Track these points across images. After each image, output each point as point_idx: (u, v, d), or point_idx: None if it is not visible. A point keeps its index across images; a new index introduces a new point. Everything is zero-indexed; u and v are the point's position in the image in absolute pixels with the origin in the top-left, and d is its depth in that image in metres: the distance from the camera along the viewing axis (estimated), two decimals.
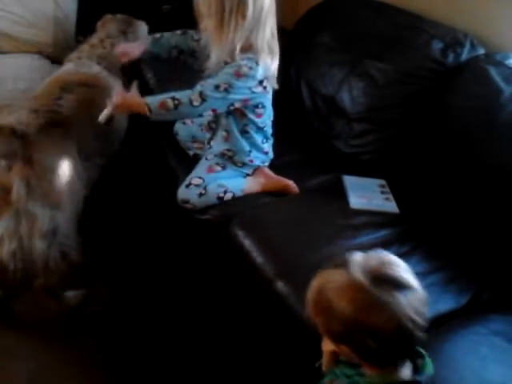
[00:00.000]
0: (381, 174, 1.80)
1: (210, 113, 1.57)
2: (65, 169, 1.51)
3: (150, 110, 1.52)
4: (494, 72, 1.62)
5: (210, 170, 1.70)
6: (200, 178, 1.66)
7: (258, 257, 1.43)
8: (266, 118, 1.70)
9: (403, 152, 1.80)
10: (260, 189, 1.71)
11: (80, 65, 1.81)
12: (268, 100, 1.67)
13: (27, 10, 2.21)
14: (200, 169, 1.72)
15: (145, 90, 2.02)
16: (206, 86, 1.52)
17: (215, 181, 1.65)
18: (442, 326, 1.25)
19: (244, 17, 1.47)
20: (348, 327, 0.86)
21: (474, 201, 1.55)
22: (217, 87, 1.51)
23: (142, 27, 2.01)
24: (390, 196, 1.70)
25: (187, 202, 1.63)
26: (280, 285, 1.34)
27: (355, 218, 1.59)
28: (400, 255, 1.41)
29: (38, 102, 1.60)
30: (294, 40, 2.21)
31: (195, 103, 1.51)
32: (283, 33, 2.19)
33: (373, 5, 2.08)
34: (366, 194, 1.68)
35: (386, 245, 1.48)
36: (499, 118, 1.54)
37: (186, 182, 1.66)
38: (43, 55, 2.28)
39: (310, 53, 2.12)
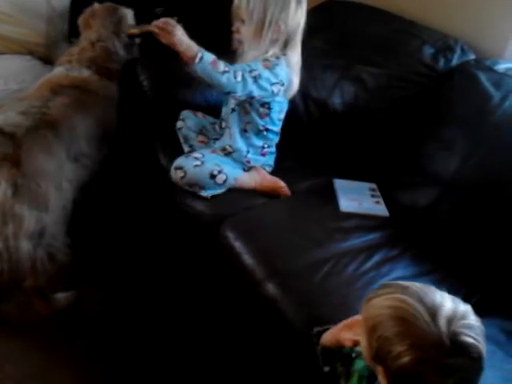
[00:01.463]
0: (371, 177, 1.81)
1: (236, 94, 1.55)
2: (53, 170, 1.51)
3: (201, 58, 1.47)
4: (483, 77, 1.64)
5: (214, 151, 1.74)
6: (201, 153, 1.69)
7: (248, 259, 1.43)
8: (269, 121, 1.71)
9: (394, 155, 1.81)
10: (253, 186, 1.71)
11: (70, 69, 1.81)
12: (276, 104, 1.68)
13: (19, 10, 2.20)
14: (203, 149, 1.76)
15: (138, 94, 2.03)
16: (243, 68, 1.54)
17: (214, 160, 1.67)
18: None
19: (279, 30, 1.57)
20: (401, 369, 0.81)
21: (464, 203, 1.57)
22: (250, 71, 1.53)
23: (130, 15, 1.98)
24: (381, 199, 1.71)
25: (180, 168, 1.63)
26: (270, 287, 1.34)
27: (346, 221, 1.59)
28: (390, 258, 1.47)
29: (28, 104, 1.60)
30: None
31: (238, 79, 1.50)
32: None
33: (365, 10, 2.10)
34: (356, 198, 1.69)
35: (376, 248, 1.50)
36: (489, 123, 1.56)
37: (187, 154, 1.70)
38: (35, 56, 2.27)
39: (302, 56, 2.13)
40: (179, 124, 1.90)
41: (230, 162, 1.72)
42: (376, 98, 1.86)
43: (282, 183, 1.72)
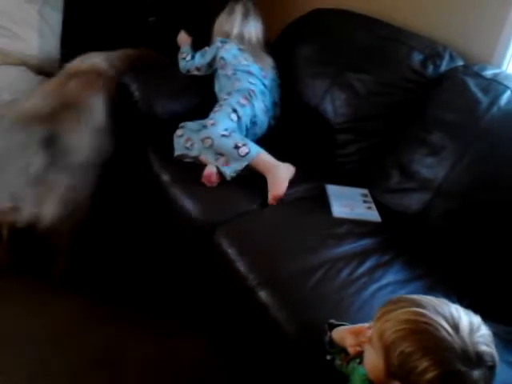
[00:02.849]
0: (364, 183, 1.83)
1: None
2: (81, 141, 1.73)
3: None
4: (471, 83, 1.66)
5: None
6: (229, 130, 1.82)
7: (241, 265, 1.43)
8: (228, 68, 2.03)
9: (385, 161, 1.82)
10: (268, 169, 1.73)
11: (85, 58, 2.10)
12: (225, 54, 2.07)
13: (12, 22, 2.22)
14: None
15: (129, 103, 2.05)
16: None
17: (241, 136, 1.83)
18: None
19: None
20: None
21: (454, 209, 1.58)
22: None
23: None
24: (373, 205, 1.72)
25: (208, 137, 1.77)
26: (263, 293, 1.35)
27: (338, 226, 1.60)
28: (382, 264, 1.48)
29: (49, 89, 1.87)
30: (277, 51, 2.25)
31: (181, 62, 2.19)
32: (267, 44, 2.24)
33: (354, 17, 2.12)
34: (348, 203, 1.70)
35: (368, 253, 1.50)
36: (477, 128, 1.58)
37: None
38: (29, 67, 2.29)
39: (293, 64, 2.15)
40: (179, 132, 1.93)
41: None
42: (366, 104, 1.88)
43: (281, 193, 1.71)
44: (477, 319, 0.85)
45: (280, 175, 1.73)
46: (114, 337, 1.70)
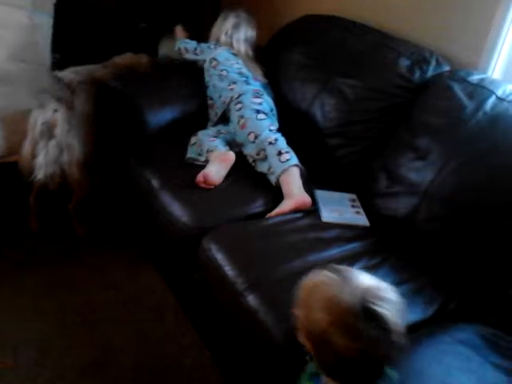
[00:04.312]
0: (352, 187, 1.84)
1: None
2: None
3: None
4: (457, 88, 1.68)
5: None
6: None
7: (229, 270, 1.43)
8: (222, 66, 2.14)
9: (373, 165, 1.83)
10: (288, 194, 1.72)
11: None
12: (218, 55, 2.19)
13: (2, 27, 2.21)
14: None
15: (117, 108, 2.06)
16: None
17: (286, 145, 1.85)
18: (409, 336, 1.27)
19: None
20: (316, 332, 0.90)
21: (440, 213, 1.60)
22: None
23: None
24: (361, 210, 1.74)
25: (262, 149, 1.83)
26: (251, 298, 1.35)
27: (327, 231, 1.61)
28: (370, 267, 1.49)
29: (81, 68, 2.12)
30: (267, 56, 2.27)
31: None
32: (257, 49, 2.26)
33: (343, 23, 2.14)
34: (337, 208, 1.71)
35: (356, 257, 1.51)
36: (463, 133, 1.60)
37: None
38: None
39: (282, 69, 2.17)
40: (193, 140, 1.97)
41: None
42: (355, 109, 1.90)
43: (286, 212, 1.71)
44: (385, 285, 0.93)
45: (295, 199, 1.71)
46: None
